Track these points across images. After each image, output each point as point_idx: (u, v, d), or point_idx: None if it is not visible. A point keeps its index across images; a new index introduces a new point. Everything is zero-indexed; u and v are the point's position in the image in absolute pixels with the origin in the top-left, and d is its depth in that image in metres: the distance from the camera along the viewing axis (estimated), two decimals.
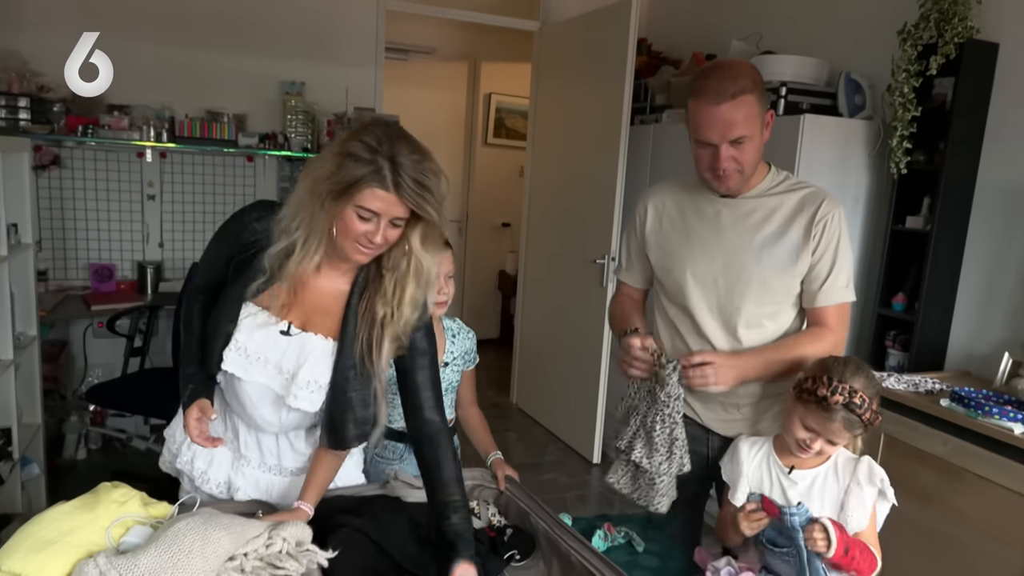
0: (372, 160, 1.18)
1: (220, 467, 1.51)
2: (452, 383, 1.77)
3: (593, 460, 3.78)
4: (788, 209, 1.57)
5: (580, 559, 1.35)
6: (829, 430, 1.34)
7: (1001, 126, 2.49)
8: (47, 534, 1.13)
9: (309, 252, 1.29)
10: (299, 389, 1.36)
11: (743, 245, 1.57)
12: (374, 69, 4.01)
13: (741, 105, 1.45)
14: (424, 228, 1.29)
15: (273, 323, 1.36)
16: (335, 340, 1.38)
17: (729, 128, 1.46)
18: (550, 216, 4.26)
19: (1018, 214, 2.44)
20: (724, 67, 1.52)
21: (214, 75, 3.66)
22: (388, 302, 1.34)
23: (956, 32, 2.42)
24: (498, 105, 6.00)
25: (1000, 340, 2.45)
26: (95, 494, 1.25)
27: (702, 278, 1.61)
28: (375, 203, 1.21)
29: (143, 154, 3.60)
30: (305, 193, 1.25)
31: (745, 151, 1.50)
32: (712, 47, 3.60)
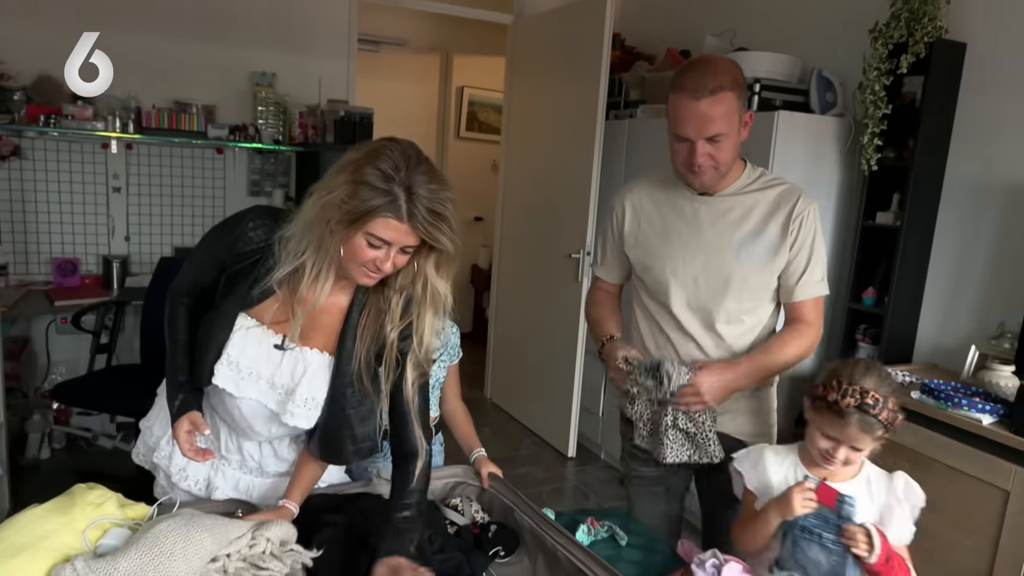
0: (388, 190, 1.14)
1: (200, 464, 1.47)
2: (439, 379, 1.76)
3: (568, 454, 3.79)
4: (765, 206, 1.59)
5: (567, 555, 1.36)
6: (848, 436, 1.29)
7: (968, 124, 2.55)
8: (20, 538, 1.09)
9: (320, 276, 1.25)
10: (296, 407, 1.33)
11: (722, 244, 1.59)
12: (347, 60, 3.96)
13: (720, 102, 1.46)
14: (438, 256, 1.26)
15: (268, 337, 1.32)
16: (331, 355, 1.34)
17: (706, 124, 1.47)
18: (525, 210, 4.26)
19: (984, 210, 2.51)
20: (706, 63, 1.52)
21: (182, 65, 3.57)
22: (398, 323, 1.32)
23: (926, 31, 2.47)
24: (471, 98, 5.97)
25: (966, 333, 2.51)
26: (70, 496, 1.21)
27: (682, 277, 1.63)
28: (387, 232, 1.17)
29: (108, 145, 3.50)
30: (314, 216, 1.20)
31: (722, 148, 1.50)
32: (686, 43, 3.62)
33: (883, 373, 1.32)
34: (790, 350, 1.58)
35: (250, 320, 1.32)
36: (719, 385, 1.55)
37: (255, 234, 1.29)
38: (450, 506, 1.58)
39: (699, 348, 1.65)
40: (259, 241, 1.29)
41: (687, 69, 1.52)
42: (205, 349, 1.32)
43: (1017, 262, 2.39)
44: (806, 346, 1.59)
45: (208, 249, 1.37)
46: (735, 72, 1.51)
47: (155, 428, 1.53)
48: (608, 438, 3.78)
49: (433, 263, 1.27)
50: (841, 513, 1.28)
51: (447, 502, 1.60)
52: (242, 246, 1.30)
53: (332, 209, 1.17)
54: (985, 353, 2.33)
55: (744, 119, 1.53)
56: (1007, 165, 2.44)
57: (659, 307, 1.68)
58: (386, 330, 1.32)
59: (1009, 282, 2.42)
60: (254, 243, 1.29)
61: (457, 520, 1.55)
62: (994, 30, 2.47)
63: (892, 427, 1.29)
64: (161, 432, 1.51)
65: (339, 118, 3.26)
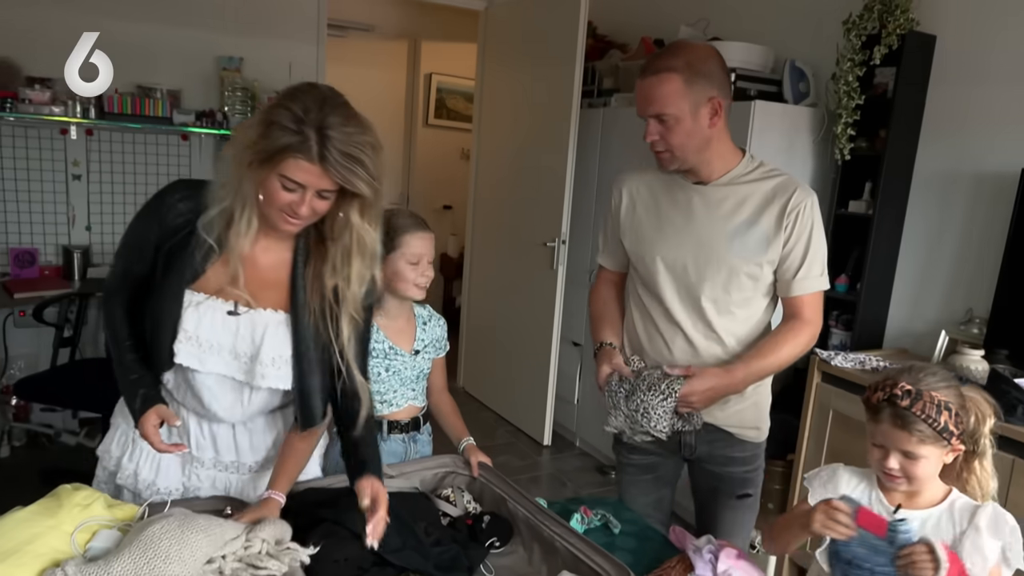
0: (298, 130, 1.13)
1: (170, 474, 1.42)
2: (423, 371, 1.74)
3: (544, 442, 3.80)
4: (759, 198, 1.57)
5: (565, 544, 1.36)
6: (888, 437, 1.16)
7: (937, 115, 2.61)
8: (5, 544, 1.05)
9: (243, 220, 1.23)
10: (265, 368, 1.31)
11: (714, 232, 1.58)
12: (316, 46, 3.87)
13: (662, 82, 1.47)
14: (363, 202, 1.24)
15: (219, 306, 1.29)
16: (287, 312, 1.33)
17: (646, 103, 1.50)
18: (498, 199, 4.24)
19: (952, 199, 2.58)
20: (671, 46, 1.55)
21: (146, 48, 3.45)
22: (337, 272, 1.30)
23: (898, 24, 2.52)
24: (439, 85, 5.90)
25: (935, 319, 2.59)
26: (55, 497, 1.17)
27: (671, 264, 1.62)
28: (299, 174, 1.16)
29: (67, 131, 3.36)
30: (232, 159, 1.20)
31: (673, 132, 1.50)
32: (659, 31, 3.64)
33: (928, 370, 1.19)
34: (785, 351, 1.57)
35: (198, 295, 1.29)
36: (711, 394, 1.54)
37: (183, 205, 1.26)
38: (442, 497, 1.57)
39: (687, 340, 1.63)
40: (188, 212, 1.26)
41: (654, 55, 1.56)
42: (159, 331, 1.28)
43: (983, 250, 2.46)
44: (802, 344, 1.58)
45: (137, 234, 1.32)
46: (695, 59, 1.48)
47: (112, 450, 1.45)
48: (583, 426, 3.81)
49: (357, 210, 1.24)
50: (895, 541, 1.13)
51: (438, 493, 1.59)
52: (172, 219, 1.26)
53: (246, 150, 1.17)
54: (954, 338, 2.40)
55: (705, 107, 1.49)
56: (974, 155, 2.51)
57: (650, 296, 1.68)
58: (325, 278, 1.31)
59: (976, 269, 2.49)
60: (184, 215, 1.26)
61: (450, 511, 1.54)
62: (962, 23, 2.53)
63: (945, 429, 1.13)
64: (120, 452, 1.43)
65: None
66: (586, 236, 3.67)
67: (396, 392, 1.70)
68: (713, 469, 1.72)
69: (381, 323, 1.68)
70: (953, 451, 1.17)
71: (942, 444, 1.15)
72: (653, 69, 1.49)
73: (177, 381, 1.34)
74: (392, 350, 1.68)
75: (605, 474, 3.55)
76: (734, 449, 1.69)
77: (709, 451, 1.69)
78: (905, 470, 1.17)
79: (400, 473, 1.60)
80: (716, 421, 1.65)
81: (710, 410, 1.62)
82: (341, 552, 1.27)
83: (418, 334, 1.73)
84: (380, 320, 1.68)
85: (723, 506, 1.73)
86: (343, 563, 1.27)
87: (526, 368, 3.91)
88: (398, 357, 1.68)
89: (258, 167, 1.17)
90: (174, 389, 1.37)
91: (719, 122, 1.53)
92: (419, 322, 1.75)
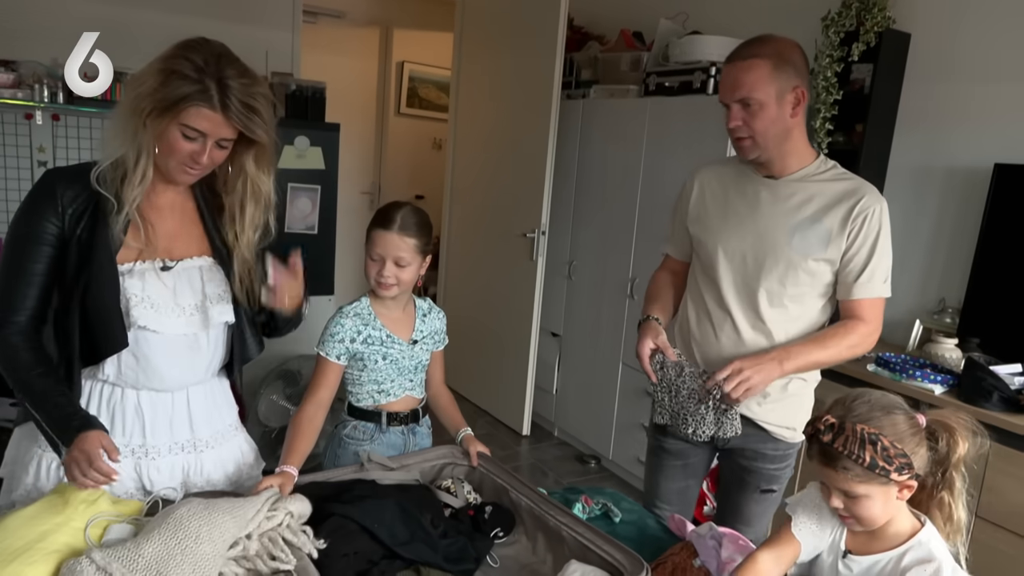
0: (199, 80, 1.18)
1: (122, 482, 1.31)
2: (422, 362, 1.74)
3: (523, 432, 3.82)
4: (827, 197, 1.56)
5: (572, 533, 1.36)
6: (823, 475, 1.09)
7: (911, 111, 2.69)
8: (13, 543, 1.03)
9: (139, 171, 1.24)
10: (214, 308, 1.36)
11: (776, 225, 1.59)
12: (291, 32, 3.80)
13: (751, 68, 1.50)
14: (258, 150, 1.31)
15: (150, 267, 1.31)
16: (210, 256, 1.39)
17: (735, 87, 1.52)
18: (475, 189, 4.22)
19: (925, 192, 2.66)
20: (759, 37, 1.57)
21: (116, 30, 3.28)
22: (236, 222, 1.37)
23: (876, 21, 2.58)
24: (411, 74, 5.84)
25: (909, 308, 2.67)
26: (60, 495, 1.14)
27: (731, 254, 1.64)
28: (201, 123, 1.20)
29: (32, 115, 3.23)
30: (127, 110, 1.21)
31: (757, 118, 1.52)
32: (638, 24, 3.66)
33: (862, 399, 1.08)
34: (844, 343, 1.56)
35: (125, 264, 1.30)
36: (766, 376, 1.52)
37: (72, 192, 1.25)
38: (442, 488, 1.57)
39: (735, 327, 1.64)
40: (82, 194, 1.25)
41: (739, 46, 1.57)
42: (104, 312, 1.27)
43: (956, 241, 2.55)
44: (859, 343, 1.56)
45: (32, 240, 1.24)
46: (782, 48, 1.52)
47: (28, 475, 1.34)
48: (562, 415, 3.84)
49: (253, 159, 1.32)
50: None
51: (438, 484, 1.59)
52: (71, 209, 1.25)
53: (144, 99, 1.19)
54: (928, 327, 2.48)
55: (790, 96, 1.52)
56: (947, 150, 2.59)
57: (708, 281, 1.70)
58: (225, 230, 1.38)
59: (948, 260, 2.58)
60: (80, 198, 1.25)
61: (452, 503, 1.53)
62: (936, 22, 2.61)
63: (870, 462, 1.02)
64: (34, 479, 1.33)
65: (290, 92, 3.13)
66: (565, 227, 3.69)
67: (394, 381, 1.69)
68: (742, 462, 1.72)
69: (378, 311, 1.67)
70: (903, 487, 1.06)
71: (881, 481, 1.03)
72: (742, 55, 1.52)
73: (127, 361, 1.32)
74: (390, 338, 1.66)
75: (585, 463, 3.58)
76: (767, 446, 1.69)
77: (742, 444, 1.69)
78: (849, 510, 1.08)
79: (400, 465, 1.60)
80: (754, 416, 1.66)
81: (748, 404, 1.62)
82: (350, 546, 1.27)
83: (417, 324, 1.72)
84: (377, 308, 1.67)
85: (747, 498, 1.74)
86: (352, 557, 1.26)
87: (505, 359, 3.91)
88: (395, 346, 1.67)
89: (158, 116, 1.19)
90: (125, 371, 1.33)
91: (800, 113, 1.55)
92: (419, 313, 1.74)
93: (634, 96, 3.30)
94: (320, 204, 3.18)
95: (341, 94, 4.99)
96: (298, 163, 3.11)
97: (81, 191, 1.25)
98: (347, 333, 1.64)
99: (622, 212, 3.33)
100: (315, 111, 3.18)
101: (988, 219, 2.34)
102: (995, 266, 2.33)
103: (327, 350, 1.63)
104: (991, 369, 2.04)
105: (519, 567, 1.40)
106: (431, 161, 5.87)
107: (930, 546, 1.08)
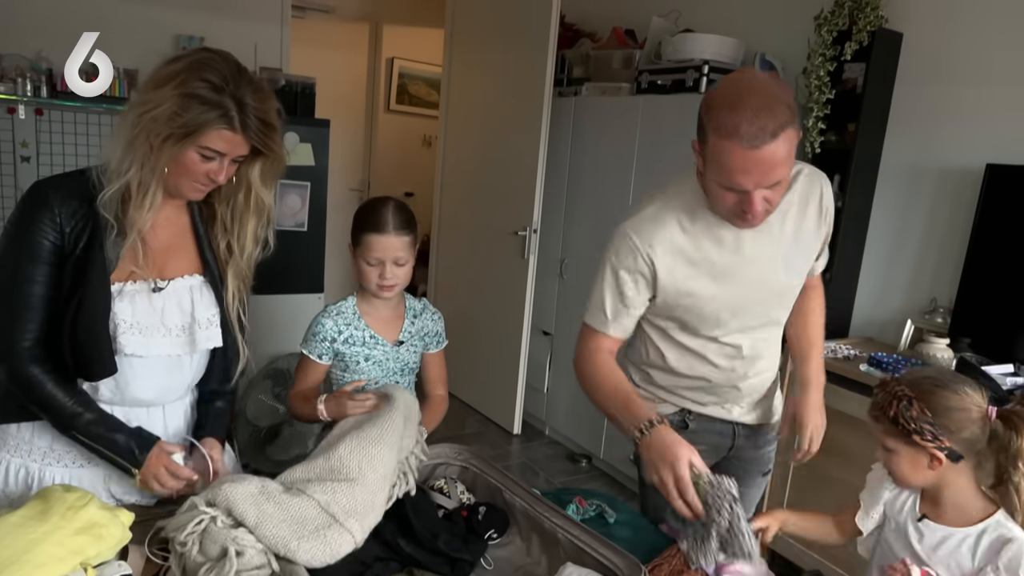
0: (219, 102, 1.15)
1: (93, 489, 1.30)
2: (408, 364, 1.71)
3: (513, 431, 3.81)
4: (796, 206, 1.46)
5: (568, 536, 1.35)
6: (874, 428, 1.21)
7: (903, 111, 2.69)
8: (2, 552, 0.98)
9: (148, 195, 1.21)
10: (202, 331, 1.34)
11: (770, 265, 1.47)
12: (280, 26, 3.76)
13: (784, 143, 1.21)
14: (263, 164, 1.30)
15: (141, 288, 1.28)
16: (201, 275, 1.36)
17: (770, 173, 1.23)
18: (466, 187, 4.20)
19: (917, 192, 2.66)
20: (757, 96, 1.21)
21: (101, 23, 3.23)
22: (228, 232, 1.36)
23: (868, 21, 2.58)
24: (401, 70, 5.80)
25: (900, 308, 2.68)
26: (43, 500, 1.09)
27: (739, 309, 1.48)
28: (221, 144, 1.19)
29: (14, 110, 3.18)
30: (137, 133, 1.17)
31: (778, 191, 1.29)
32: (629, 22, 3.64)
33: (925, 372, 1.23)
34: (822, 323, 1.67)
35: (117, 284, 1.26)
36: (822, 409, 1.61)
37: (69, 206, 1.20)
38: (435, 489, 1.55)
39: (738, 352, 1.54)
40: (79, 210, 1.20)
41: (734, 108, 1.21)
42: (94, 337, 1.22)
43: (947, 241, 2.56)
44: (822, 305, 1.68)
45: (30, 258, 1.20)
46: (786, 95, 1.25)
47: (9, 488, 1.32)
48: (553, 414, 3.83)
49: (258, 172, 1.31)
50: None
51: (431, 484, 1.57)
52: (68, 223, 1.20)
53: (160, 124, 1.16)
54: (920, 327, 2.49)
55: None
56: (939, 150, 2.60)
57: (706, 340, 1.52)
58: (218, 240, 1.37)
59: (939, 260, 2.59)
60: (79, 214, 1.21)
61: (446, 504, 1.51)
62: (929, 23, 2.61)
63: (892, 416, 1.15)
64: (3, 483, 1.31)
65: (279, 87, 3.09)
66: (557, 225, 3.67)
67: (377, 383, 1.67)
68: (743, 454, 1.72)
69: (365, 311, 1.65)
70: (933, 456, 1.14)
71: (905, 440, 1.14)
72: (768, 132, 1.19)
73: (106, 382, 1.29)
74: (373, 339, 1.64)
75: (576, 462, 3.57)
76: (760, 438, 1.72)
77: (750, 442, 1.70)
78: (884, 462, 1.20)
79: None
80: (755, 420, 1.67)
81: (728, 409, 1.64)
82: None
83: (405, 325, 1.70)
84: (364, 308, 1.65)
85: (748, 484, 1.72)
86: (345, 559, 1.24)
87: (496, 357, 3.89)
88: (378, 347, 1.65)
89: (176, 142, 1.17)
90: (103, 389, 1.30)
91: None
92: (409, 314, 1.71)
93: (626, 94, 3.29)
94: (310, 201, 3.15)
95: (330, 90, 4.95)
96: (287, 159, 3.07)
97: (79, 207, 1.20)
98: (328, 333, 1.62)
99: (614, 210, 3.32)
100: (304, 107, 3.15)
101: (980, 219, 2.35)
102: (986, 266, 2.34)
103: (309, 348, 1.63)
104: (983, 369, 2.05)
105: (513, 569, 1.38)
106: (421, 158, 5.83)
107: (1009, 525, 1.15)
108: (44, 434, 1.30)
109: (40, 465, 1.31)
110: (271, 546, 1.12)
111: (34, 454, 1.31)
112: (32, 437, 1.31)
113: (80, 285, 1.20)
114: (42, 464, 1.31)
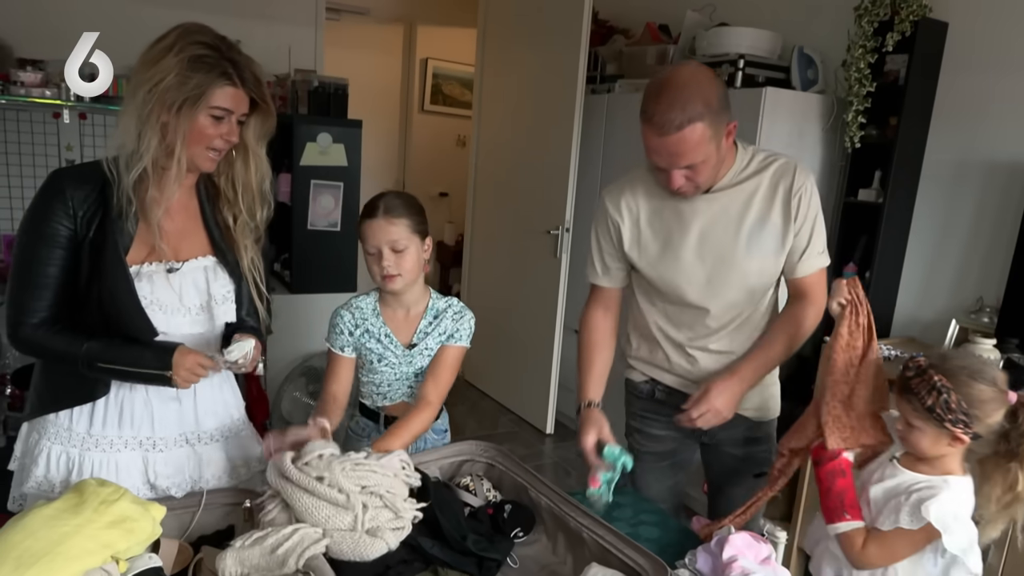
0: (218, 61, 1.23)
1: (129, 473, 1.38)
2: (422, 368, 1.64)
3: (547, 431, 3.79)
4: (765, 190, 1.54)
5: (593, 536, 1.33)
6: (897, 400, 1.30)
7: (948, 103, 2.60)
8: (35, 544, 1.00)
9: (172, 169, 1.26)
10: (219, 307, 1.39)
11: (729, 241, 1.55)
12: (314, 29, 3.81)
13: (689, 135, 1.37)
14: (256, 121, 1.35)
15: (156, 268, 1.32)
16: (212, 255, 1.40)
17: (678, 158, 1.41)
18: (499, 186, 4.20)
19: (962, 188, 2.57)
20: (673, 91, 1.38)
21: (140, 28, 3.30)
22: (233, 204, 1.40)
23: (911, 10, 2.50)
24: (435, 71, 5.84)
25: (943, 307, 2.59)
26: (78, 493, 1.12)
27: (696, 280, 1.59)
28: (227, 101, 1.25)
29: (59, 114, 3.28)
30: (151, 110, 1.21)
31: (699, 172, 1.45)
32: (663, 17, 3.60)
33: (959, 357, 1.28)
34: (791, 339, 1.57)
35: (134, 266, 1.30)
36: (732, 401, 1.54)
37: (81, 191, 1.26)
38: (461, 486, 1.54)
39: (690, 349, 1.64)
40: (92, 196, 1.26)
41: (654, 97, 1.39)
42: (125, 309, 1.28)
43: (994, 239, 2.46)
44: (807, 328, 1.57)
45: (44, 242, 1.26)
46: (707, 94, 1.38)
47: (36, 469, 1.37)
48: None
49: (252, 131, 1.36)
50: None
51: (457, 481, 1.56)
52: (81, 211, 1.26)
53: (172, 92, 1.21)
54: (965, 327, 2.40)
55: (725, 132, 1.45)
56: (985, 143, 2.50)
57: (671, 305, 1.65)
58: (224, 214, 1.41)
59: (986, 258, 2.49)
60: (90, 199, 1.26)
61: (472, 502, 1.51)
62: (975, 10, 2.52)
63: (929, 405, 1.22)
64: (45, 470, 1.36)
65: (312, 88, 3.13)
66: (589, 224, 3.63)
67: (391, 386, 1.66)
68: (734, 451, 1.73)
69: (382, 307, 1.64)
70: (956, 438, 1.23)
71: (935, 424, 1.23)
72: (674, 125, 1.36)
73: None
74: (388, 337, 1.62)
75: None
76: (752, 430, 1.71)
77: (729, 435, 1.70)
78: (905, 433, 1.30)
79: (418, 463, 1.58)
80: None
81: None
82: None
83: (421, 326, 1.63)
84: (382, 304, 1.65)
85: (739, 486, 1.73)
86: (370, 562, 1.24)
87: (529, 357, 3.88)
88: (390, 347, 1.63)
89: (191, 106, 1.22)
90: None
91: (729, 141, 1.49)
92: (428, 315, 1.64)
93: None
94: (343, 201, 3.18)
95: (365, 91, 5.01)
96: (320, 160, 3.11)
97: (91, 193, 1.26)
98: (346, 324, 1.62)
99: None
100: (337, 108, 3.18)
101: None
102: None
103: (331, 341, 1.64)
104: None
105: (539, 567, 1.37)
106: (455, 158, 5.86)
107: (950, 483, 1.26)
108: (82, 419, 1.36)
109: (80, 451, 1.36)
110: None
111: (73, 440, 1.36)
112: (71, 424, 1.36)
113: (98, 266, 1.27)
114: (81, 449, 1.36)
